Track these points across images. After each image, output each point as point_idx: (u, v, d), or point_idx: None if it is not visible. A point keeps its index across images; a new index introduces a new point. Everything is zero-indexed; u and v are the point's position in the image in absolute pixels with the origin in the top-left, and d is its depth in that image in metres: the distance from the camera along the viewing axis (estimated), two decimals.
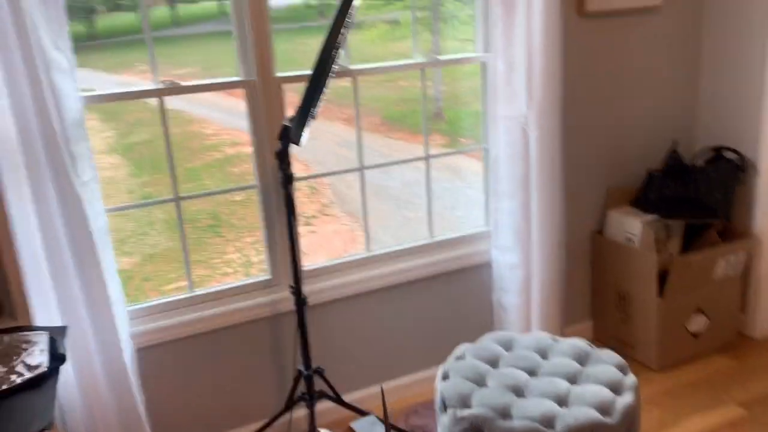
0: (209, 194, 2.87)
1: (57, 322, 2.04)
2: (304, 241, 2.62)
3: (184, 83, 2.28)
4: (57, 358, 1.70)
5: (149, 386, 2.35)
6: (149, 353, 2.36)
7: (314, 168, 4.79)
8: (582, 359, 2.18)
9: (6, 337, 1.78)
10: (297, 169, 2.17)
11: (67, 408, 2.14)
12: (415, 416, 2.70)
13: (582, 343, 2.24)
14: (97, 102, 2.20)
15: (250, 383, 2.56)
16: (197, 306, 2.45)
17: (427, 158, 2.80)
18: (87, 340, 2.11)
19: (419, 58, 2.65)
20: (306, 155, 4.73)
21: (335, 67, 2.06)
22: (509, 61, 2.58)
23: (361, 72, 2.54)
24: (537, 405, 1.97)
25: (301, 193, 4.95)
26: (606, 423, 1.92)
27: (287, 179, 2.08)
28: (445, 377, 2.20)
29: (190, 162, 5.77)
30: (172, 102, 2.32)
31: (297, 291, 2.20)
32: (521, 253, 2.77)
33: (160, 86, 2.25)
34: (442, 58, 2.70)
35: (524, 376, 2.13)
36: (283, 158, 2.05)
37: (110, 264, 2.16)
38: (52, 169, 1.96)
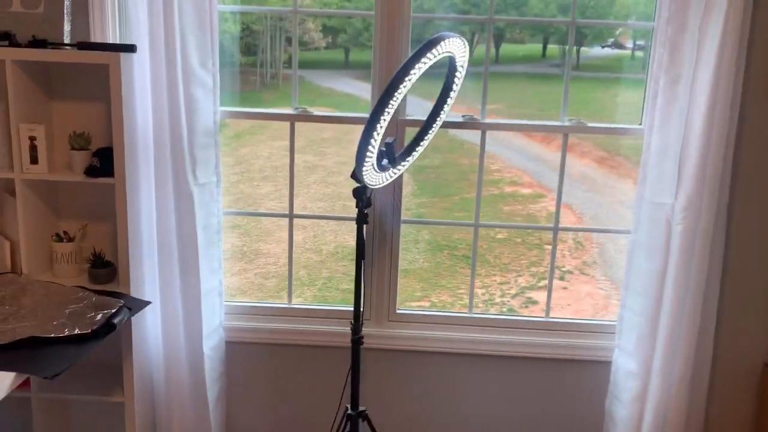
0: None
1: (154, 299, 2.34)
2: (556, 295, 2.60)
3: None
4: (109, 326, 1.96)
5: (230, 375, 2.56)
6: (237, 348, 2.56)
7: (586, 221, 4.67)
8: None
9: (101, 298, 2.11)
10: (565, 218, 2.16)
11: (155, 377, 2.44)
12: None
13: None
14: (234, 118, 2.47)
15: (316, 406, 2.61)
16: (291, 318, 2.59)
17: (555, 229, 2.57)
18: (177, 321, 2.38)
19: (565, 121, 2.45)
20: (582, 208, 4.81)
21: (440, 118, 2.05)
22: (663, 140, 2.25)
23: (491, 127, 2.45)
24: None
25: (564, 245, 5.01)
26: None
27: (362, 218, 2.11)
28: None
29: (467, 192, 5.99)
30: (469, 135, 2.45)
31: (355, 329, 2.20)
32: (641, 360, 2.37)
33: (294, 112, 2.45)
34: (591, 125, 2.46)
35: None
36: (358, 197, 2.08)
37: (213, 260, 2.41)
38: (173, 169, 2.26)
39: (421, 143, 2.19)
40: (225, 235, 2.47)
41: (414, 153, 2.19)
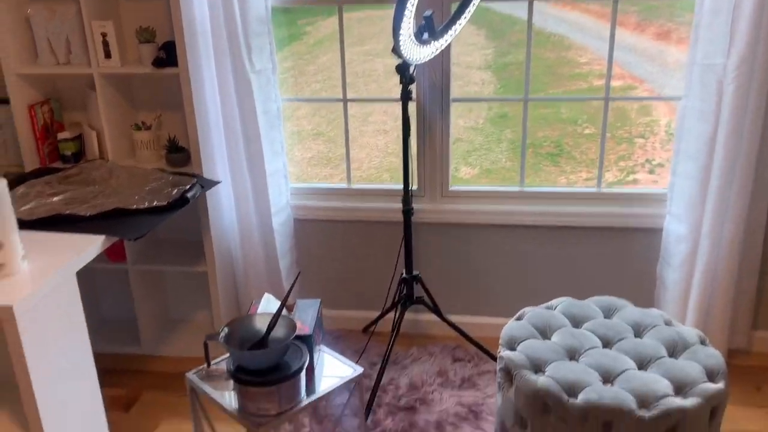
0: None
1: (225, 179, 2.57)
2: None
3: None
4: (184, 200, 2.21)
5: (299, 250, 2.81)
6: (304, 225, 2.79)
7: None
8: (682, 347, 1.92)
9: (177, 177, 2.36)
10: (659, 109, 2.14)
11: (233, 249, 2.72)
12: None
13: (693, 333, 1.96)
14: (283, 4, 2.57)
15: (375, 273, 2.83)
16: (353, 197, 2.77)
17: (606, 99, 2.56)
18: (247, 199, 2.61)
19: None
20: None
21: None
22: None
23: None
24: (576, 371, 1.84)
25: (655, 138, 4.95)
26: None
27: (406, 95, 2.20)
28: (519, 318, 2.16)
29: (552, 88, 5.90)
30: (556, 26, 2.53)
31: (405, 200, 2.35)
32: (691, 224, 2.40)
33: None
34: None
35: (596, 342, 1.98)
36: (401, 73, 2.17)
37: (275, 143, 2.60)
38: (231, 57, 2.42)
39: (463, 16, 2.23)
40: (308, 143, 2.64)
41: (455, 26, 2.23)
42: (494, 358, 2.54)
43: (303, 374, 1.34)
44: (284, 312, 1.36)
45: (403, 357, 2.68)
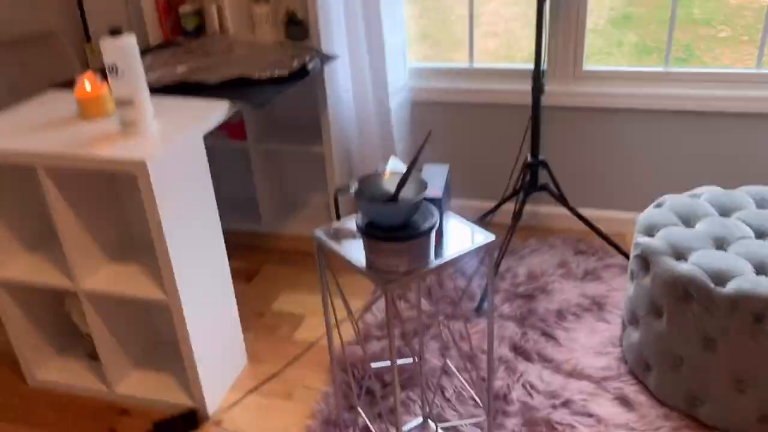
0: None
1: (343, 55, 2.49)
2: None
3: None
4: (304, 71, 2.15)
5: (415, 136, 2.72)
6: (422, 108, 2.69)
7: None
8: None
9: (296, 50, 2.30)
10: None
11: (349, 130, 2.67)
12: None
13: None
14: None
15: (497, 158, 2.69)
16: (475, 77, 2.62)
17: None
18: (364, 78, 2.52)
19: None
20: None
21: None
22: None
23: None
24: (726, 259, 1.67)
25: None
26: None
27: None
28: (659, 206, 1.99)
29: None
30: None
31: (535, 77, 2.17)
32: None
33: None
34: None
35: (748, 232, 1.79)
36: None
37: (395, 17, 2.46)
38: None
39: None
40: (413, 47, 2.48)
41: None
42: (623, 252, 2.40)
43: (433, 235, 1.27)
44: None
45: (521, 247, 2.58)
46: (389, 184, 1.31)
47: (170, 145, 1.64)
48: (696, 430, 1.74)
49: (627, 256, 2.41)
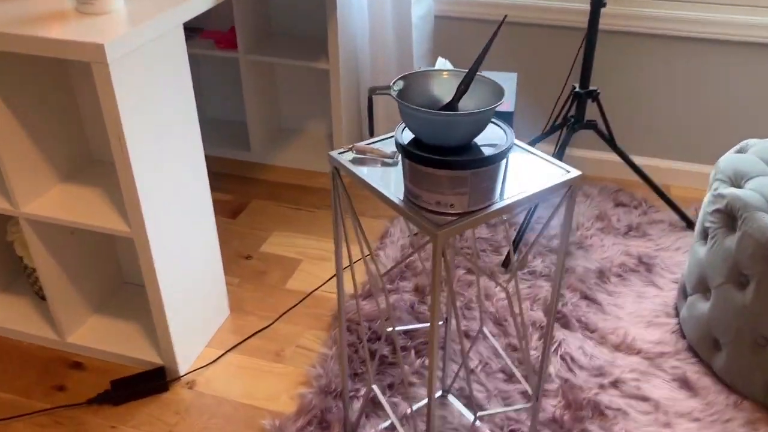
0: None
1: None
2: None
3: None
4: None
5: (438, 52, 2.31)
6: (448, 24, 2.27)
7: None
8: None
9: None
10: None
11: (360, 45, 2.26)
12: None
13: None
14: None
15: (533, 93, 2.31)
16: None
17: None
18: None
19: None
20: None
21: None
22: None
23: None
24: None
25: None
26: None
27: None
28: (741, 151, 1.63)
29: None
30: None
31: None
32: None
33: None
34: None
35: None
36: None
37: None
38: None
39: None
40: None
41: None
42: (675, 207, 2.05)
43: (503, 163, 0.90)
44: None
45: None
46: (444, 87, 0.93)
47: (138, 29, 1.24)
48: None
49: (679, 212, 2.06)
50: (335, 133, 2.29)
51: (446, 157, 0.85)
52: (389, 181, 0.96)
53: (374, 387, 1.31)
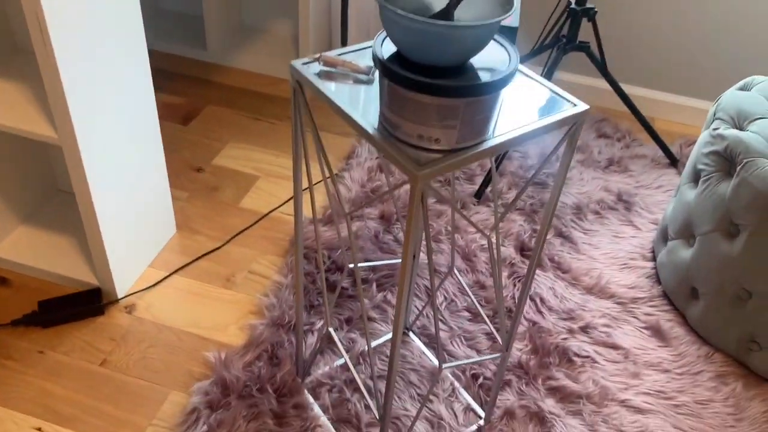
0: None
1: None
2: None
3: None
4: None
5: None
6: None
7: None
8: None
9: None
10: None
11: None
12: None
13: None
14: None
15: (527, 3, 2.11)
16: None
17: None
18: None
19: None
20: None
21: None
22: None
23: None
24: None
25: None
26: None
27: None
28: (744, 89, 1.50)
29: None
30: None
31: None
32: None
33: None
34: None
35: None
36: None
37: None
38: None
39: None
40: None
41: None
42: (661, 143, 1.93)
43: (501, 93, 0.75)
44: None
45: None
46: None
47: None
48: (744, 375, 1.39)
49: (664, 147, 1.95)
50: (301, 36, 2.07)
51: (436, 80, 0.68)
52: (361, 103, 0.80)
53: (330, 329, 1.19)
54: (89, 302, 1.39)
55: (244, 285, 1.49)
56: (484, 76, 0.72)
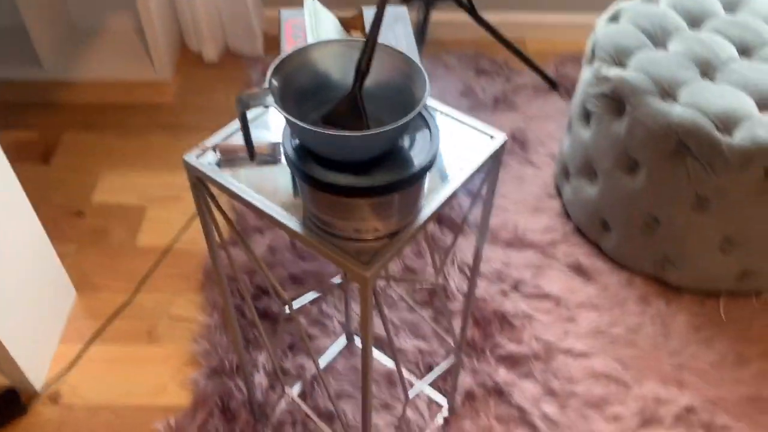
0: None
1: None
2: None
3: None
4: None
5: None
6: None
7: None
8: None
9: None
10: None
11: None
12: (570, 66, 2.07)
13: None
14: None
15: None
16: None
17: None
18: None
19: None
20: None
21: None
22: None
23: None
24: (723, 95, 1.28)
25: None
26: None
27: None
28: (614, 19, 1.52)
29: None
30: None
31: None
32: None
33: None
34: None
35: (731, 51, 1.39)
36: None
37: None
38: None
39: None
40: None
41: None
42: (539, 71, 1.95)
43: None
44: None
45: None
46: (335, 61, 0.68)
47: None
48: (663, 292, 1.49)
49: (542, 74, 1.97)
50: (146, 27, 1.86)
51: (364, 179, 0.63)
52: (276, 188, 0.73)
53: (269, 350, 1.15)
54: (9, 405, 1.27)
55: (169, 335, 1.40)
56: (413, 160, 0.66)
